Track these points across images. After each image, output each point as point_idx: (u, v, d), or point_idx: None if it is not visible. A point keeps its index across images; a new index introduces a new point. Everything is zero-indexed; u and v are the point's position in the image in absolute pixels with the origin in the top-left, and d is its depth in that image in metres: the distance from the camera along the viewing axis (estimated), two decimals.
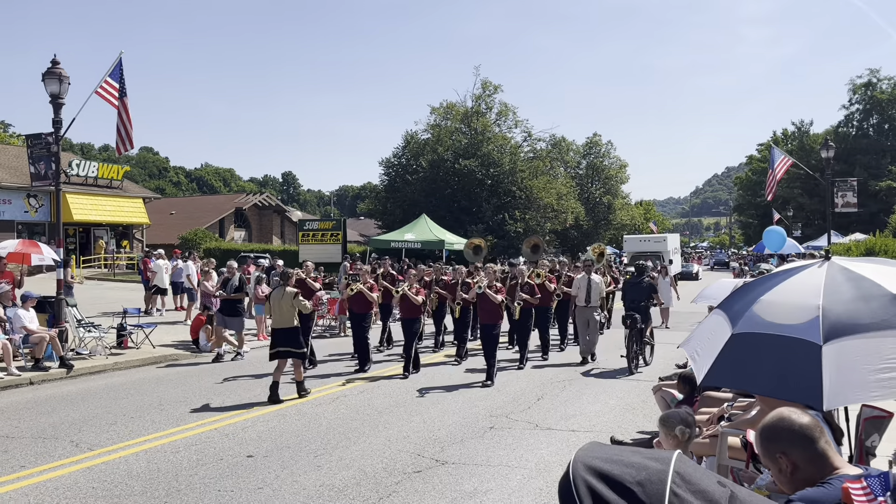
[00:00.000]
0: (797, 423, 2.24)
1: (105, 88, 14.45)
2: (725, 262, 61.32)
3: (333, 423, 8.71)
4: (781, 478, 2.28)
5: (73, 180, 36.30)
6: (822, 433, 2.26)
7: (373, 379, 11.70)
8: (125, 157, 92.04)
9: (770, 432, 2.29)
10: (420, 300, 12.09)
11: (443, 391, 10.74)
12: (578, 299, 13.77)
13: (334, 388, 10.92)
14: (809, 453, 2.22)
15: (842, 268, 3.14)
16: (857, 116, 60.75)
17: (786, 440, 2.24)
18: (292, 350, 10.20)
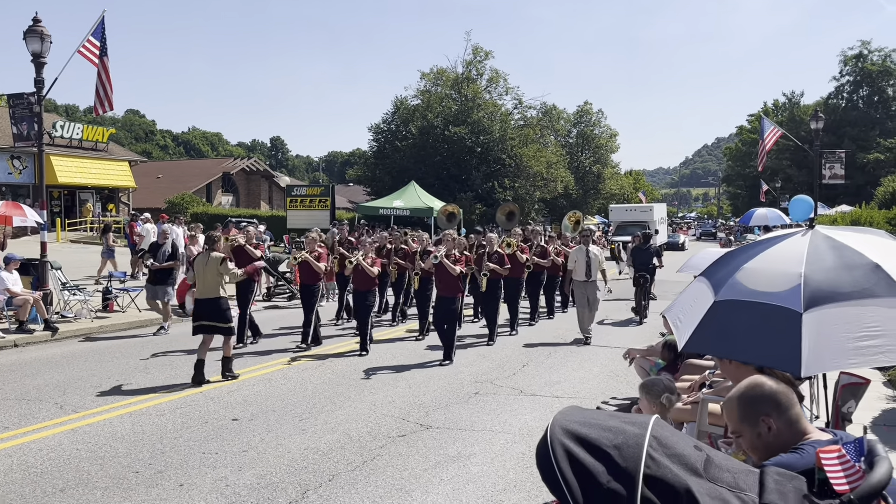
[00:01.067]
0: (777, 389, 2.31)
1: (87, 48, 14.19)
2: (712, 233, 61.45)
3: (319, 388, 8.74)
4: (758, 442, 2.32)
5: (58, 142, 35.85)
6: (796, 400, 2.31)
7: (320, 357, 10.66)
8: (111, 120, 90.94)
9: (752, 397, 2.34)
10: (375, 271, 11.07)
11: (397, 370, 10.77)
12: (576, 273, 12.55)
13: (273, 367, 10.04)
14: (787, 417, 2.27)
15: (825, 236, 3.14)
16: (847, 88, 60.69)
17: (769, 404, 2.29)
18: (217, 325, 9.11)
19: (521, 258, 13.35)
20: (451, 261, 10.75)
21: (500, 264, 12.27)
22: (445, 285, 10.82)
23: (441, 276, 10.88)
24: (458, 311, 10.87)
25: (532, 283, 14.55)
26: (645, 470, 1.68)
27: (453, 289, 10.78)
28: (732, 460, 1.89)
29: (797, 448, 2.21)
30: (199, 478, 5.71)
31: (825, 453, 1.80)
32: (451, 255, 10.87)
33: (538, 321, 14.65)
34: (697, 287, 3.47)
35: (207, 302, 9.18)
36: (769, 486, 1.73)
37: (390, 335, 12.91)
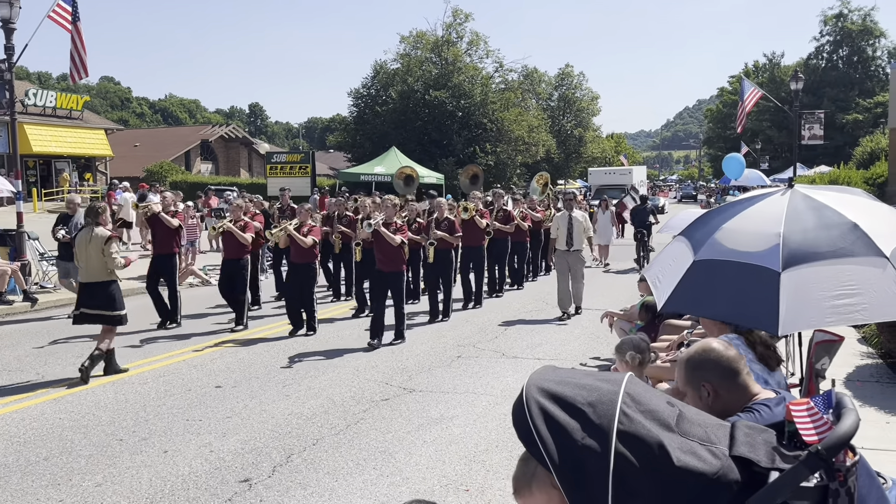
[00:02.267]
0: (724, 356, 2.37)
1: (58, 13, 13.86)
2: (692, 195, 61.70)
3: (303, 355, 8.76)
4: (700, 405, 2.38)
5: (31, 110, 35.14)
6: (744, 365, 2.40)
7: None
8: (85, 87, 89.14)
9: (696, 362, 2.40)
10: (309, 242, 9.78)
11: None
12: (558, 242, 11.40)
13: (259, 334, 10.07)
14: (730, 383, 2.34)
15: (804, 196, 3.16)
16: (827, 48, 60.66)
17: (710, 370, 2.35)
18: (103, 313, 7.77)
19: (481, 224, 12.20)
20: (392, 230, 9.43)
21: (449, 232, 10.99)
22: (385, 257, 9.42)
23: (380, 247, 9.48)
24: (402, 287, 9.59)
25: (496, 252, 13.41)
26: (619, 426, 1.70)
27: (393, 262, 9.41)
28: (704, 415, 1.92)
29: (747, 408, 2.28)
30: (183, 444, 5.74)
31: (795, 406, 1.83)
32: (392, 224, 9.55)
33: (505, 293, 13.61)
34: (677, 247, 3.49)
35: (92, 287, 7.75)
36: (739, 439, 1.76)
37: (329, 313, 11.48)
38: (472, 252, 12.33)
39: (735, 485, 1.68)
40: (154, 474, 5.16)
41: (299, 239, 9.82)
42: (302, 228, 10.02)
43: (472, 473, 5.17)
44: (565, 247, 11.31)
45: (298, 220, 10.32)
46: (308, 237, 9.85)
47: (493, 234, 12.87)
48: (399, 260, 9.46)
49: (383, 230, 9.30)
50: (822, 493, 1.67)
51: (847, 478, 1.70)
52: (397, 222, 9.67)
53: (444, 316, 10.95)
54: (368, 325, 9.42)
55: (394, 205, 9.87)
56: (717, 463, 1.71)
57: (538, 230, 15.23)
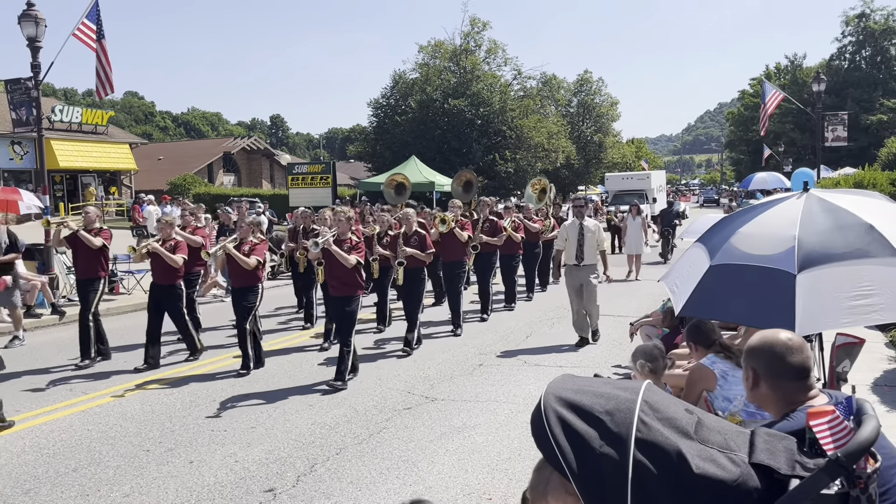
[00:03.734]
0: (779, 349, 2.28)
1: (82, 31, 14.14)
2: (715, 199, 61.04)
3: (324, 365, 8.81)
4: (746, 386, 2.36)
5: (57, 126, 35.73)
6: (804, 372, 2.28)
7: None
8: (110, 103, 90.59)
9: (752, 346, 2.36)
10: (252, 262, 8.45)
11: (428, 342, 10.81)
12: (566, 255, 9.92)
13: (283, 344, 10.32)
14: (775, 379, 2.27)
15: (819, 199, 3.16)
16: (849, 49, 59.90)
17: (759, 358, 2.31)
18: None
19: (462, 237, 10.78)
20: (346, 248, 8.00)
21: (420, 248, 9.52)
22: (336, 280, 8.04)
23: (331, 268, 8.08)
24: (353, 315, 8.00)
25: (482, 267, 12.03)
26: (637, 434, 1.71)
27: (347, 285, 8.00)
28: (724, 422, 1.93)
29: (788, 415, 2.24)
30: (208, 455, 5.80)
31: (815, 413, 1.83)
32: (347, 241, 8.07)
33: (491, 314, 11.98)
34: (694, 252, 3.50)
35: None
36: (759, 446, 1.76)
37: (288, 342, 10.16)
38: (454, 269, 10.85)
39: (755, 492, 1.68)
40: (180, 485, 5.22)
41: (241, 259, 8.43)
42: (243, 246, 8.61)
43: (494, 482, 5.17)
44: (574, 261, 9.74)
45: (238, 235, 8.90)
46: (251, 257, 8.48)
47: (479, 248, 11.64)
48: (353, 284, 8.00)
49: (335, 249, 7.89)
50: (843, 501, 1.67)
51: (868, 485, 1.69)
52: (352, 239, 8.16)
53: (409, 346, 9.35)
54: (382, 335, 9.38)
55: (347, 218, 8.24)
56: (736, 470, 1.71)
57: (534, 242, 13.80)
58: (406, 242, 9.58)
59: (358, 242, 8.20)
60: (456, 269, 10.85)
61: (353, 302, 8.03)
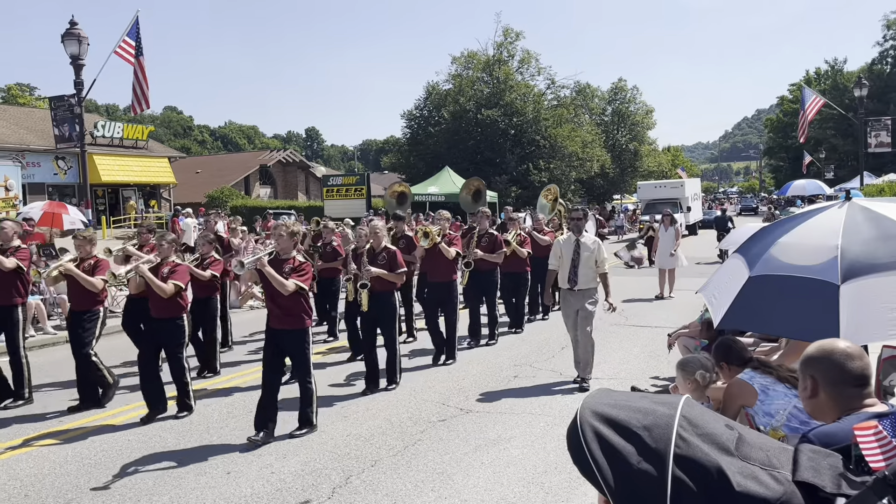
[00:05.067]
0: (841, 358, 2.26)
1: (123, 48, 14.50)
2: (753, 208, 59.79)
3: (358, 376, 8.84)
4: (802, 394, 2.33)
5: (99, 141, 36.62)
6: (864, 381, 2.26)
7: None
8: (149, 117, 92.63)
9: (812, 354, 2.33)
10: (169, 289, 7.12)
11: None
12: (560, 277, 8.26)
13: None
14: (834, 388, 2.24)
15: (862, 208, 3.08)
16: (891, 53, 58.59)
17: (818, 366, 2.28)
18: None
19: (448, 253, 9.36)
20: (287, 269, 6.51)
21: (389, 268, 8.00)
22: (279, 309, 6.55)
23: (271, 294, 6.54)
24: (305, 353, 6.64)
25: (477, 287, 10.63)
26: (675, 450, 1.68)
27: (291, 315, 6.53)
28: (766, 438, 1.88)
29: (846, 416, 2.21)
30: (245, 466, 5.85)
31: (861, 430, 1.78)
32: (289, 261, 6.60)
33: (497, 340, 10.65)
34: (733, 263, 3.44)
35: None
36: (803, 464, 1.72)
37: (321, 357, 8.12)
38: (441, 291, 9.63)
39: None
40: (218, 496, 5.27)
41: (154, 284, 7.10)
42: (162, 269, 7.39)
43: (530, 496, 5.12)
44: (567, 284, 8.18)
45: (158, 255, 7.61)
46: (168, 282, 7.16)
47: (472, 265, 10.34)
48: (297, 314, 6.52)
49: (269, 270, 6.34)
50: None
51: None
52: (297, 259, 6.63)
53: (388, 383, 8.17)
54: None
55: (290, 233, 6.68)
56: (779, 488, 1.67)
57: (544, 257, 10.78)
58: (372, 260, 8.10)
59: (302, 264, 6.60)
60: (444, 291, 9.57)
61: (299, 336, 6.56)
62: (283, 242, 6.68)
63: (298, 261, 6.66)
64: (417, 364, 9.38)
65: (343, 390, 8.17)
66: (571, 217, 8.62)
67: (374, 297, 8.02)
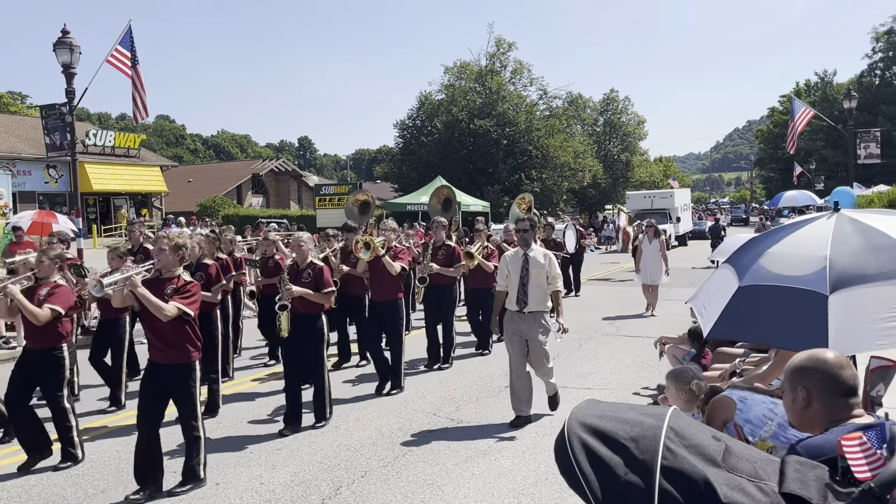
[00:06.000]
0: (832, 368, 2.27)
1: (116, 57, 14.49)
2: (743, 219, 59.89)
3: (349, 386, 8.81)
4: (792, 407, 2.33)
5: (91, 150, 36.55)
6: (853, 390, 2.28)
7: None
8: (142, 126, 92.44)
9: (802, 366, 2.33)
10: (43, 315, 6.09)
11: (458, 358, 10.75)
12: (508, 298, 7.14)
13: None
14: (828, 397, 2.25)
15: (850, 219, 3.10)
16: (880, 65, 59.12)
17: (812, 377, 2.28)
18: None
19: (393, 268, 8.29)
20: (170, 291, 5.45)
21: (315, 286, 6.99)
22: (158, 338, 5.52)
23: (149, 322, 5.50)
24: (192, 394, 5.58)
25: (432, 305, 9.81)
26: (662, 461, 1.68)
27: (174, 348, 5.50)
28: (753, 449, 1.88)
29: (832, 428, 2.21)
30: (234, 476, 5.81)
31: (847, 441, 1.78)
32: (174, 282, 5.51)
33: (452, 363, 9.68)
34: (723, 274, 3.45)
35: None
36: (789, 475, 1.72)
37: None
38: (385, 311, 8.47)
39: None
40: None
41: (26, 309, 5.98)
42: (39, 290, 6.21)
43: None
44: (515, 306, 7.07)
45: (38, 273, 6.47)
46: (43, 307, 6.02)
47: (427, 280, 9.64)
48: (181, 346, 5.49)
49: (141, 292, 5.21)
50: None
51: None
52: (182, 279, 5.56)
53: (316, 420, 7.15)
54: None
55: (175, 247, 5.55)
56: (765, 500, 1.67)
57: None
58: (295, 278, 7.09)
59: (188, 284, 5.52)
60: (388, 312, 8.46)
61: (183, 372, 5.51)
62: (165, 258, 5.55)
63: (184, 280, 5.57)
64: (407, 372, 9.34)
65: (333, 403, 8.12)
66: (517, 229, 7.44)
67: (296, 320, 6.99)
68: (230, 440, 6.72)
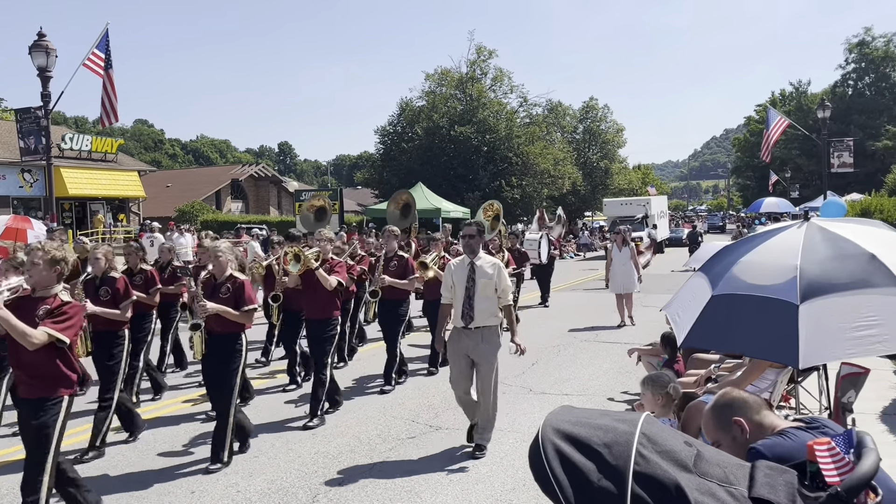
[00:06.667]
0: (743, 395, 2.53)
1: (92, 60, 14.36)
2: (720, 226, 60.22)
3: None
4: (735, 446, 2.39)
5: (67, 154, 36.12)
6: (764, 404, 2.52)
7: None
8: (119, 130, 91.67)
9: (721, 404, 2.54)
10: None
11: None
12: (454, 314, 6.49)
13: None
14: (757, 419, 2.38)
15: (820, 228, 3.15)
16: (853, 76, 60.20)
17: (739, 406, 2.40)
18: None
19: (327, 282, 7.28)
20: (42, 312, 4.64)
21: (235, 303, 6.15)
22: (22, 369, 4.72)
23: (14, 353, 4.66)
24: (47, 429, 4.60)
25: (385, 319, 9.00)
26: (635, 467, 1.70)
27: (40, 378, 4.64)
28: (724, 455, 1.91)
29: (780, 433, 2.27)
30: (210, 484, 5.76)
31: (817, 445, 1.81)
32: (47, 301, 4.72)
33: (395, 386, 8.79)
34: (696, 282, 3.49)
35: None
36: (759, 480, 1.75)
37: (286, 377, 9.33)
38: (318, 329, 7.53)
39: None
40: None
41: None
42: None
43: None
44: (461, 321, 6.30)
45: None
46: None
47: (379, 293, 8.88)
48: (50, 379, 4.64)
49: (4, 315, 4.36)
50: None
51: None
52: (60, 298, 4.74)
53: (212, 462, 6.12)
54: None
55: (51, 261, 4.73)
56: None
57: None
58: (212, 293, 6.24)
59: (65, 306, 4.66)
60: (323, 330, 7.47)
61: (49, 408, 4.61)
62: (38, 273, 4.72)
63: (61, 300, 4.69)
64: None
65: None
66: (463, 234, 6.56)
67: (212, 340, 6.21)
68: (207, 447, 6.65)
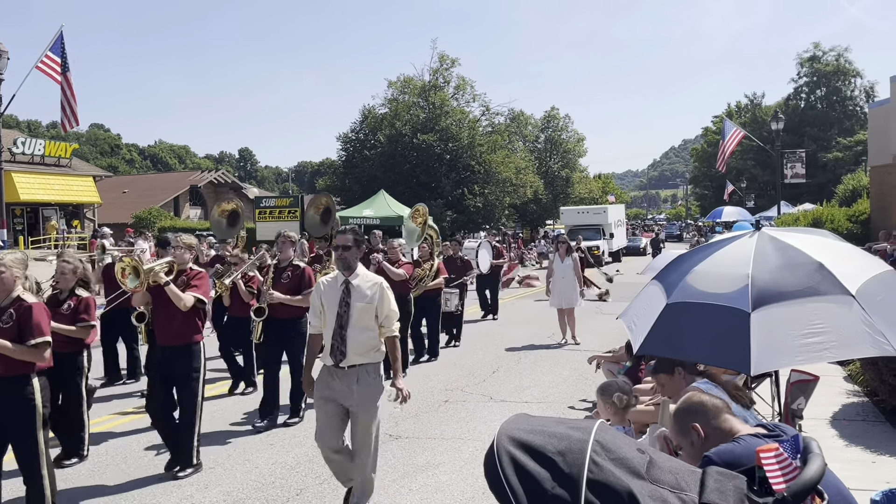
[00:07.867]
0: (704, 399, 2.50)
1: (46, 63, 14.03)
2: (677, 235, 60.96)
3: None
4: (692, 451, 2.42)
5: (19, 159, 35.19)
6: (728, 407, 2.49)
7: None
8: (74, 135, 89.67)
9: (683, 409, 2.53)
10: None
11: None
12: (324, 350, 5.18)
13: None
14: (715, 424, 2.40)
15: (771, 237, 3.23)
16: (805, 89, 61.94)
17: (697, 412, 2.43)
18: None
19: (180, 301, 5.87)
20: None
21: (71, 319, 6.09)
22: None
23: None
24: None
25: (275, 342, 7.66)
26: (588, 475, 1.71)
27: None
28: (676, 461, 1.93)
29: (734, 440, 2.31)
30: (164, 497, 5.64)
31: (764, 452, 1.85)
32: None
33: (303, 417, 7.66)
34: (651, 290, 3.54)
35: None
36: (709, 486, 1.77)
37: None
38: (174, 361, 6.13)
39: None
40: None
41: None
42: None
43: None
44: (330, 358, 4.98)
45: None
46: None
47: (266, 312, 7.57)
48: None
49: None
50: None
51: None
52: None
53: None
54: None
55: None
56: None
57: (401, 295, 8.31)
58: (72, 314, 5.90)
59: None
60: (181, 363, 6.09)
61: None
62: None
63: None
64: None
65: None
66: (336, 245, 5.19)
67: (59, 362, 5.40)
68: (159, 459, 6.52)
